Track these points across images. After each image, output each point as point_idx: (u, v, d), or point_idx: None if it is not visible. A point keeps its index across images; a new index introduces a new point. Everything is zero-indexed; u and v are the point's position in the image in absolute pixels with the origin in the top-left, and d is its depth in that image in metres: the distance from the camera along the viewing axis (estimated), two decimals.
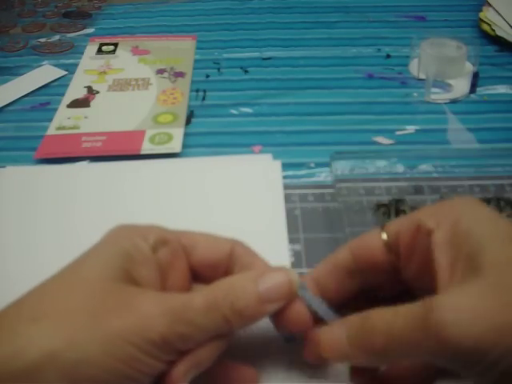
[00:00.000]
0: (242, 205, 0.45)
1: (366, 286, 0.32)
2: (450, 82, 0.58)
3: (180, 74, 0.61)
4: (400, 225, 0.31)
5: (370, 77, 0.60)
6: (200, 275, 0.32)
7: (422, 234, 0.29)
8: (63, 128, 0.54)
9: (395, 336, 0.26)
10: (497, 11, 0.66)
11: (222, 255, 0.32)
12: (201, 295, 0.28)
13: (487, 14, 0.66)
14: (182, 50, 0.66)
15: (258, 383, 0.32)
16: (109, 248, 0.30)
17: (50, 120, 0.55)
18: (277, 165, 0.48)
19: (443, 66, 0.57)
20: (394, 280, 0.31)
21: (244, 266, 0.32)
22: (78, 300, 0.27)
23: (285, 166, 0.48)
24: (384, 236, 0.31)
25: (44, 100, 0.59)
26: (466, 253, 0.27)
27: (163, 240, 0.31)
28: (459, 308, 0.24)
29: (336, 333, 0.29)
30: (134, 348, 0.26)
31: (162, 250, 0.31)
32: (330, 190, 0.46)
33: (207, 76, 0.62)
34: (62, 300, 0.27)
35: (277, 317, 0.30)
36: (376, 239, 0.31)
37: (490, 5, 0.67)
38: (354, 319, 0.28)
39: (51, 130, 0.54)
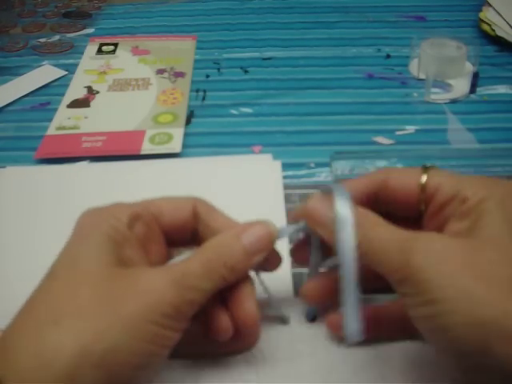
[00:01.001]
0: (241, 205, 0.44)
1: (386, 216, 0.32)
2: (450, 81, 0.58)
3: (180, 74, 0.61)
4: (444, 179, 0.31)
5: (370, 77, 0.60)
6: (170, 239, 0.33)
7: (458, 200, 0.29)
8: (63, 128, 0.54)
9: (377, 248, 0.28)
10: (497, 11, 0.66)
11: (186, 214, 0.33)
12: (195, 261, 0.29)
13: (487, 14, 0.66)
14: (181, 50, 0.66)
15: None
16: (94, 236, 0.30)
17: (50, 120, 0.55)
18: (277, 165, 0.48)
19: (443, 66, 0.57)
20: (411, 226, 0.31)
21: (207, 223, 0.33)
22: (88, 294, 0.27)
23: (285, 166, 0.48)
24: (423, 179, 0.31)
25: (44, 100, 0.59)
26: (474, 226, 0.28)
27: (135, 215, 0.31)
28: (432, 253, 0.26)
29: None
30: (154, 325, 0.27)
31: (137, 226, 0.31)
32: None
33: (207, 76, 0.62)
34: (73, 297, 0.27)
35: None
36: (415, 178, 0.31)
37: (490, 5, 0.67)
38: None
39: (51, 130, 0.54)
